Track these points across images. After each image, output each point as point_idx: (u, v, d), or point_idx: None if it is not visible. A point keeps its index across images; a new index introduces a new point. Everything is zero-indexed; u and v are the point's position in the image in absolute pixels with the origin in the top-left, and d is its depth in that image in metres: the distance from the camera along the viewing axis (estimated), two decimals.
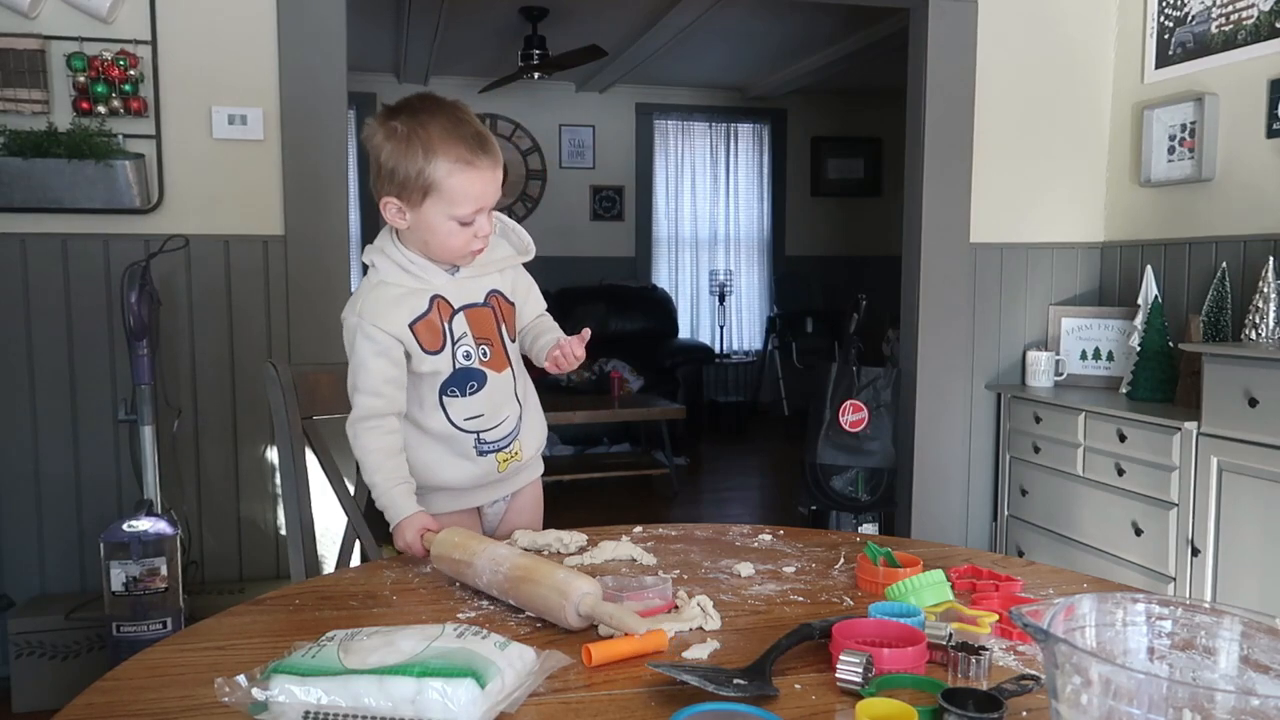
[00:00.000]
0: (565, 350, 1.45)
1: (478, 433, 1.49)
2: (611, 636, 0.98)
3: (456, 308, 1.45)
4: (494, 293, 1.49)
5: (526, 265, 1.57)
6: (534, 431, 1.57)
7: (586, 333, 1.48)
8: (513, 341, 1.52)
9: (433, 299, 1.43)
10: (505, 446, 1.52)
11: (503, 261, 1.51)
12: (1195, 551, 2.48)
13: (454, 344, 1.44)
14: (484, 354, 1.47)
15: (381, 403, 1.42)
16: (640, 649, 0.96)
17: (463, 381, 1.46)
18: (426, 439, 1.49)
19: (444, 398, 1.46)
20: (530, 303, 1.57)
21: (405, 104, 1.39)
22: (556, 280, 5.80)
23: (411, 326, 1.41)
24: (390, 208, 1.39)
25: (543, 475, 1.66)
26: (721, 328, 7.25)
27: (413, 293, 1.42)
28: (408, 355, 1.43)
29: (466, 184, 1.36)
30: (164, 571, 2.29)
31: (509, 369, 1.50)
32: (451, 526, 1.29)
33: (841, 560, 1.30)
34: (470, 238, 1.40)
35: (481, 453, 1.50)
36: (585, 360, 1.53)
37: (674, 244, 7.34)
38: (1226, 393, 2.36)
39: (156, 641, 1.02)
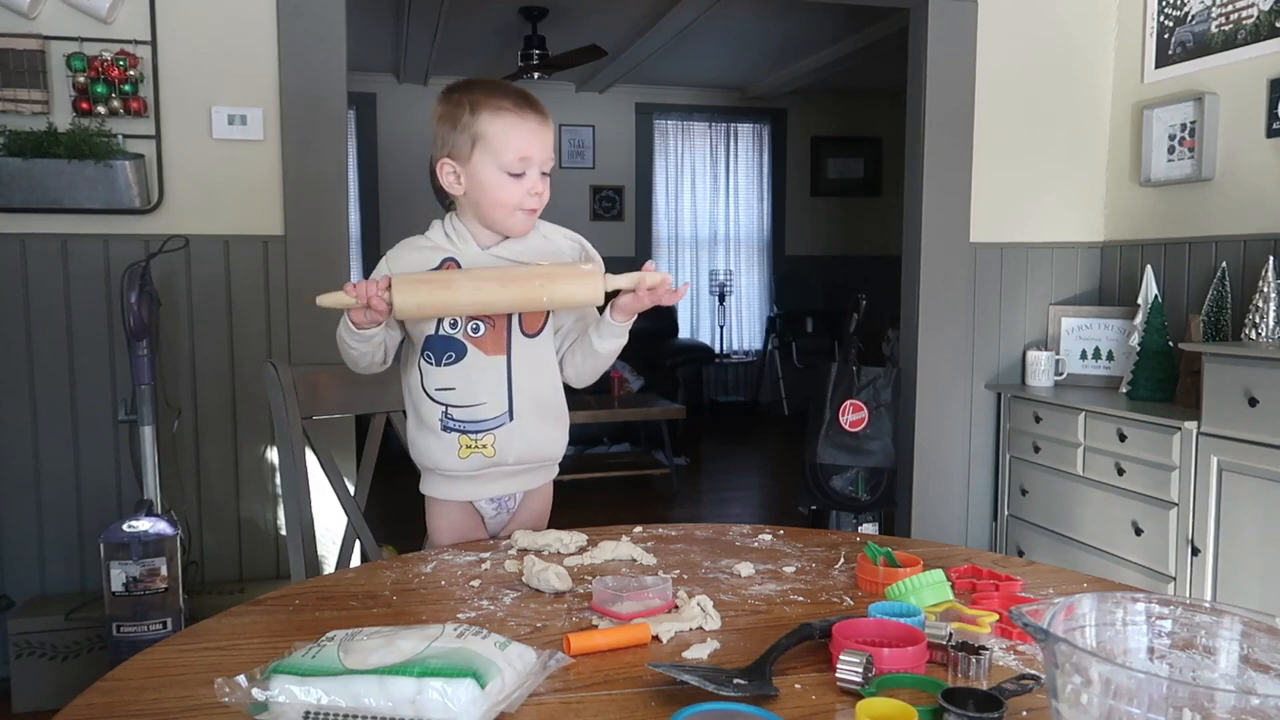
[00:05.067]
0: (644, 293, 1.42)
1: (446, 406, 1.46)
2: (595, 627, 0.99)
3: None
4: None
5: None
6: (529, 442, 1.49)
7: (685, 287, 1.47)
8: (527, 336, 1.47)
9: (444, 260, 1.46)
10: (474, 433, 1.46)
11: (552, 257, 1.50)
12: (1195, 551, 2.48)
13: None
14: (474, 329, 1.44)
15: None
16: (622, 641, 0.98)
17: (440, 349, 1.45)
18: (410, 409, 1.51)
19: (421, 361, 1.47)
20: (580, 318, 1.54)
21: (462, 81, 1.49)
22: None
23: None
24: (445, 170, 1.45)
25: (559, 457, 1.60)
26: (721, 328, 7.25)
27: (434, 251, 1.47)
28: None
29: (508, 130, 1.42)
30: (164, 571, 2.29)
31: (503, 357, 1.46)
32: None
33: (841, 560, 1.30)
34: (523, 194, 1.43)
35: (446, 428, 1.46)
36: None
37: (674, 244, 7.34)
38: (1226, 392, 2.36)
39: (156, 641, 1.02)
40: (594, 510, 4.50)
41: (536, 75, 5.30)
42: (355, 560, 1.78)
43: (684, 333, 7.04)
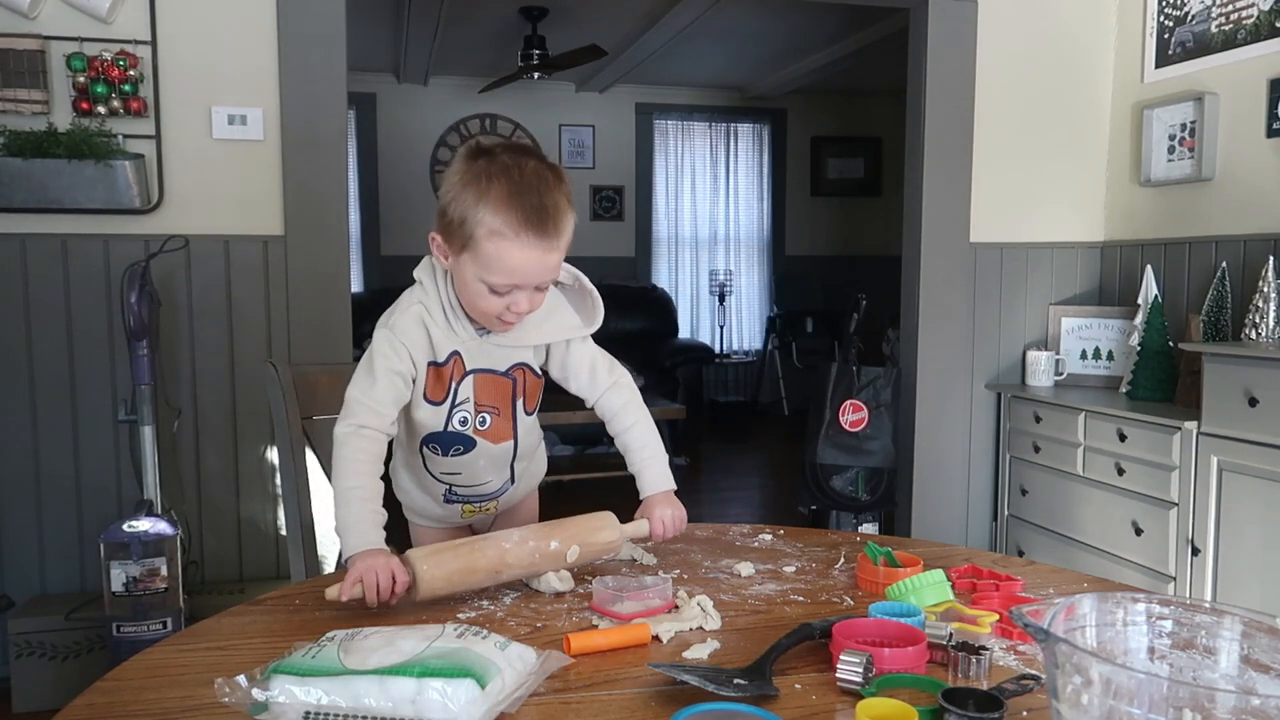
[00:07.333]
0: (663, 531, 1.37)
1: (450, 485, 1.46)
2: (595, 627, 0.99)
3: (468, 370, 1.36)
4: (521, 365, 1.39)
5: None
6: (520, 492, 1.53)
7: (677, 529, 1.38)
8: (529, 414, 1.44)
9: (450, 355, 1.34)
10: (477, 503, 1.48)
11: (548, 335, 1.40)
12: (1195, 551, 2.48)
13: (454, 406, 1.36)
14: (482, 422, 1.38)
15: (379, 421, 1.30)
16: (622, 641, 0.98)
17: (447, 443, 1.39)
18: (404, 466, 1.49)
19: (424, 447, 1.41)
20: (595, 377, 1.47)
21: (498, 147, 1.29)
22: None
23: (428, 366, 1.35)
24: (435, 244, 1.30)
25: (544, 475, 1.63)
26: (721, 328, 7.25)
27: (444, 336, 1.34)
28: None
29: (503, 254, 1.23)
30: (164, 571, 2.29)
31: (511, 442, 1.42)
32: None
33: (841, 560, 1.30)
34: (502, 308, 1.28)
35: (449, 500, 1.47)
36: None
37: (674, 244, 7.33)
38: (1226, 392, 2.36)
39: (156, 642, 1.02)
40: (594, 510, 4.49)
41: (536, 75, 5.30)
42: None
43: (684, 333, 7.03)
